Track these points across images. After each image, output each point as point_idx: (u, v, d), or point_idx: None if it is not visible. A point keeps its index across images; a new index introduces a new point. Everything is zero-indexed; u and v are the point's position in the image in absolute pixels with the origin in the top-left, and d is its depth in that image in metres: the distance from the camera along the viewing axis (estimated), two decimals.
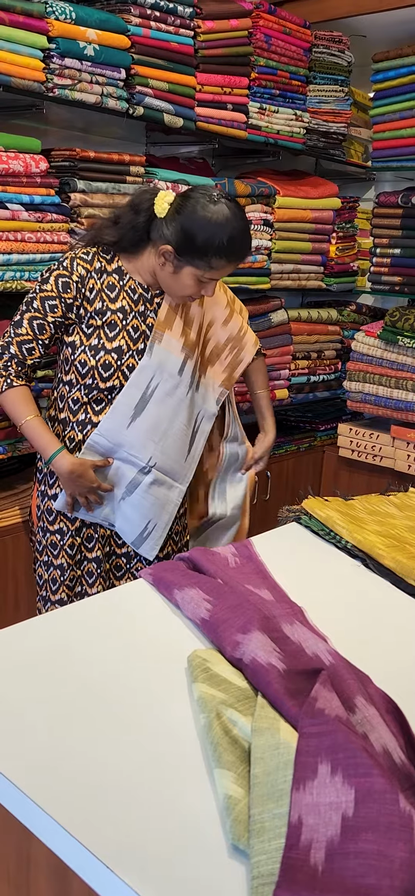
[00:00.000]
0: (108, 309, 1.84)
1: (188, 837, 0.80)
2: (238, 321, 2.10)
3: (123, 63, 2.44)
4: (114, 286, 1.86)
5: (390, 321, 2.97)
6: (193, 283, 1.81)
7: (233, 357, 2.07)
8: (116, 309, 1.85)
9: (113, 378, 1.85)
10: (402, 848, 0.69)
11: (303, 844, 0.73)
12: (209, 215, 1.75)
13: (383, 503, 1.80)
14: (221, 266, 1.79)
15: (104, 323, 1.84)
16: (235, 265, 1.84)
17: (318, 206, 3.21)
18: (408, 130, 3.07)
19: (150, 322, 1.88)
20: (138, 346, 1.86)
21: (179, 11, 2.57)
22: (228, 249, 1.77)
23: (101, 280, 1.85)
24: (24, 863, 0.92)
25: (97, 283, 1.84)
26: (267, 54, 2.92)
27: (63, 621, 1.24)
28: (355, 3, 3.06)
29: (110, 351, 1.84)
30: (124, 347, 1.85)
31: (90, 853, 0.78)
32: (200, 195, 1.78)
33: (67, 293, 1.82)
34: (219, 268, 1.79)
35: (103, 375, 1.84)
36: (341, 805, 0.75)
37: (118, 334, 1.84)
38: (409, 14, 2.98)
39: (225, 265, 1.80)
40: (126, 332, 1.85)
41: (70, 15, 2.27)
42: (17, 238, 2.22)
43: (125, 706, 1.02)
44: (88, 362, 1.84)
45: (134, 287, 1.88)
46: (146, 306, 1.89)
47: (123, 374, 1.85)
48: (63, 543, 1.97)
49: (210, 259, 1.77)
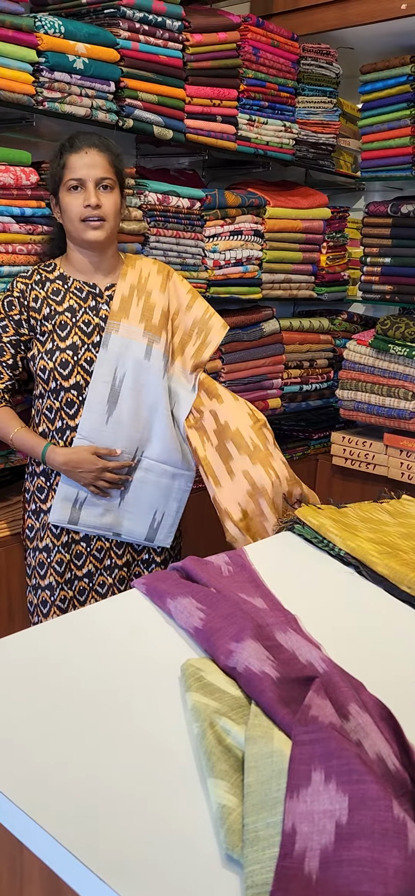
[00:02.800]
0: (56, 312, 1.92)
1: (182, 847, 0.80)
2: (202, 306, 2.10)
3: (113, 76, 2.45)
4: (59, 290, 1.94)
5: (382, 330, 2.99)
6: (69, 198, 1.88)
7: (201, 341, 2.06)
8: (64, 309, 1.92)
9: (74, 374, 1.89)
10: (396, 855, 0.68)
11: (297, 853, 0.73)
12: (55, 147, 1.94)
13: (377, 510, 1.81)
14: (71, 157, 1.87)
15: (55, 325, 1.90)
16: (85, 149, 1.88)
17: (308, 216, 3.23)
18: (396, 141, 3.09)
19: (103, 314, 1.93)
20: (94, 339, 1.92)
21: (167, 25, 2.58)
22: (69, 141, 1.90)
23: (45, 288, 1.94)
24: (17, 875, 0.91)
25: (40, 293, 1.93)
26: (256, 66, 2.94)
27: (56, 632, 1.23)
28: (341, 15, 3.09)
29: (65, 349, 1.89)
30: (78, 343, 1.90)
31: (83, 865, 0.77)
32: None
33: (12, 310, 1.92)
34: (70, 160, 1.87)
35: (63, 374, 1.89)
36: (335, 812, 0.75)
37: (70, 332, 1.90)
38: (395, 26, 3.01)
39: (73, 154, 1.88)
40: (77, 328, 1.91)
41: (59, 29, 2.28)
42: (8, 250, 2.22)
43: (118, 716, 1.01)
44: (47, 366, 1.90)
45: (80, 287, 1.95)
46: (97, 300, 1.94)
47: (82, 368, 1.90)
48: (50, 561, 1.97)
49: (60, 161, 1.88)
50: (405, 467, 2.97)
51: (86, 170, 1.88)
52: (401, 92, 3.02)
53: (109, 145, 1.94)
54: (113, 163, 1.93)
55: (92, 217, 1.88)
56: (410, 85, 2.99)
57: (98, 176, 1.89)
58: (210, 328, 2.09)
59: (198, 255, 2.83)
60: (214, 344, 2.10)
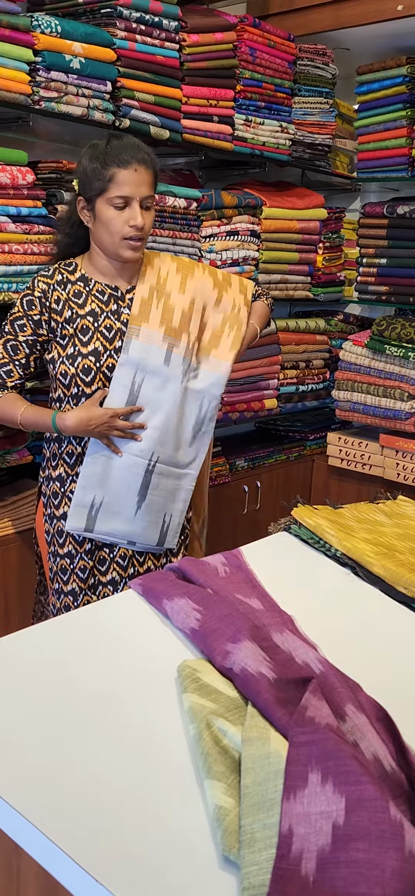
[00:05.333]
0: (77, 315, 1.85)
1: (178, 849, 0.79)
2: (230, 299, 2.00)
3: (109, 76, 2.44)
4: (80, 293, 1.87)
5: (378, 330, 2.99)
6: (112, 214, 1.79)
7: (235, 334, 1.98)
8: (86, 313, 1.85)
9: (96, 381, 1.84)
10: (393, 856, 0.68)
11: (294, 854, 0.73)
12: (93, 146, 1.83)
13: (373, 511, 1.81)
14: (120, 172, 1.76)
15: (76, 329, 1.84)
16: (134, 166, 1.78)
17: (304, 216, 3.23)
18: (392, 141, 3.09)
19: (125, 318, 1.87)
20: (115, 345, 1.86)
21: (164, 25, 2.58)
22: (115, 150, 1.78)
23: (67, 290, 1.87)
24: (13, 878, 0.91)
25: (62, 294, 1.86)
26: (252, 67, 2.94)
27: (52, 633, 1.23)
28: (337, 17, 3.09)
29: (87, 355, 1.83)
30: (100, 349, 1.84)
31: (80, 867, 0.77)
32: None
33: (32, 310, 1.85)
34: (118, 176, 1.76)
35: (85, 380, 1.84)
36: (332, 814, 0.75)
37: (92, 337, 1.84)
38: (391, 27, 3.01)
39: (122, 169, 1.77)
40: (99, 333, 1.85)
41: (56, 28, 2.28)
42: (4, 250, 2.22)
43: (114, 717, 1.01)
44: (69, 371, 1.84)
45: (101, 289, 1.88)
46: (119, 304, 1.88)
47: (103, 375, 1.84)
48: (73, 567, 1.93)
49: (106, 172, 1.76)
50: (401, 468, 2.97)
51: (134, 188, 1.78)
52: (397, 93, 3.03)
53: (153, 159, 1.85)
54: (155, 179, 1.86)
55: (134, 237, 1.81)
56: (406, 86, 3.00)
57: (144, 195, 1.81)
58: (241, 322, 2.00)
59: (194, 256, 2.83)
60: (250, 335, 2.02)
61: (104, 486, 1.87)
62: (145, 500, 1.88)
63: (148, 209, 1.83)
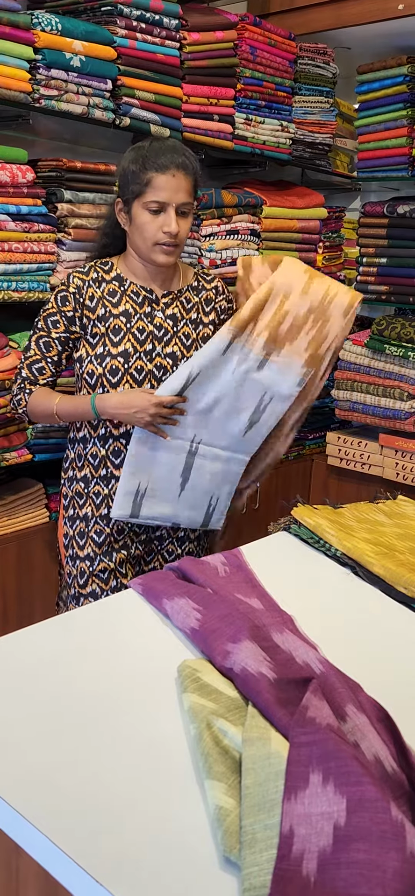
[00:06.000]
0: (110, 314, 1.82)
1: (179, 849, 0.79)
2: (322, 287, 1.80)
3: (110, 74, 2.44)
4: (115, 292, 1.85)
5: (377, 330, 2.99)
6: (147, 218, 1.76)
7: (317, 331, 1.79)
8: (119, 313, 1.83)
9: (122, 383, 1.81)
10: (394, 857, 0.68)
11: (295, 855, 0.73)
12: (137, 148, 1.80)
13: (373, 511, 1.81)
14: (157, 177, 1.74)
15: (108, 329, 1.81)
16: (172, 171, 1.74)
17: (304, 215, 3.23)
18: (393, 141, 3.09)
19: (158, 322, 1.84)
20: (146, 348, 1.82)
21: (164, 23, 2.57)
22: (154, 154, 1.75)
23: (101, 288, 1.84)
24: (13, 878, 0.91)
25: (97, 292, 1.83)
26: (253, 66, 2.93)
27: (52, 633, 1.23)
28: (338, 16, 3.09)
29: (116, 356, 1.80)
30: (131, 350, 1.81)
31: (80, 868, 0.77)
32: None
33: (66, 306, 1.83)
34: (155, 180, 1.74)
35: (112, 381, 1.80)
36: (333, 815, 0.74)
37: (123, 338, 1.81)
38: (392, 27, 3.01)
39: (159, 174, 1.74)
40: (131, 334, 1.82)
41: (56, 26, 2.27)
42: (4, 248, 2.22)
43: (114, 718, 1.01)
44: (95, 371, 1.81)
45: (136, 290, 1.85)
46: (152, 307, 1.85)
47: (131, 377, 1.81)
48: (93, 569, 1.91)
49: (143, 176, 1.74)
50: (400, 468, 2.97)
51: (170, 193, 1.75)
52: (398, 92, 3.02)
53: (194, 165, 1.81)
54: (195, 185, 1.82)
55: (168, 243, 1.78)
56: (406, 85, 3.00)
57: (181, 202, 1.77)
58: (329, 317, 1.80)
59: (194, 255, 2.82)
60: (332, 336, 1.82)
61: (150, 470, 1.82)
62: (189, 482, 1.84)
63: (184, 215, 1.79)
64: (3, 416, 2.27)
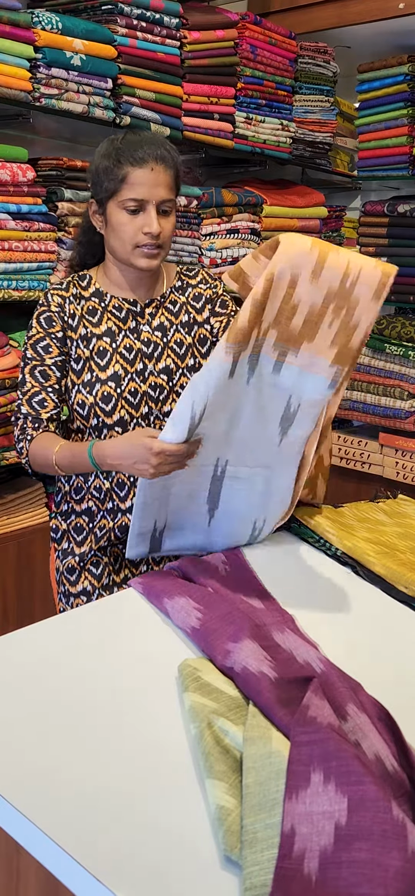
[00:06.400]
0: (92, 335, 1.63)
1: (180, 849, 0.79)
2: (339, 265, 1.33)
3: (110, 73, 2.44)
4: (95, 310, 1.65)
5: (378, 329, 2.99)
6: (124, 219, 1.56)
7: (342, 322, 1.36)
8: (102, 333, 1.63)
9: (117, 409, 1.61)
10: (396, 856, 0.68)
11: (296, 854, 0.73)
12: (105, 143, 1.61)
13: (373, 510, 1.81)
14: (134, 172, 1.53)
15: (92, 352, 1.62)
16: (150, 164, 1.54)
17: (305, 214, 3.23)
18: (393, 140, 3.09)
19: (145, 337, 1.65)
20: (137, 367, 1.63)
21: (165, 22, 2.57)
22: (129, 146, 1.55)
23: (81, 305, 1.65)
24: (13, 876, 0.91)
25: (77, 309, 1.64)
26: (253, 64, 2.93)
27: (53, 632, 1.22)
28: (339, 14, 3.09)
29: (106, 381, 1.61)
30: (121, 372, 1.62)
31: (81, 866, 0.77)
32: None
33: (53, 327, 1.62)
34: (129, 177, 1.54)
35: (106, 409, 1.60)
36: (334, 814, 0.74)
37: (110, 360, 1.62)
38: (392, 25, 3.01)
39: (136, 168, 1.53)
40: (118, 354, 1.63)
41: (57, 25, 2.27)
42: (4, 247, 2.22)
43: (115, 717, 1.01)
44: (86, 401, 1.61)
45: (118, 305, 1.66)
46: (137, 321, 1.66)
47: (126, 401, 1.61)
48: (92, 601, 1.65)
49: (118, 171, 1.54)
50: (400, 467, 2.97)
51: (149, 189, 1.55)
52: (398, 91, 3.02)
53: (175, 157, 1.61)
54: (176, 180, 1.62)
55: (149, 245, 1.57)
56: (407, 84, 3.00)
57: (162, 198, 1.57)
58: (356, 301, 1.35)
59: (194, 254, 2.82)
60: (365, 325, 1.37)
61: (166, 507, 1.48)
62: (218, 509, 1.51)
63: (166, 214, 1.59)
64: (3, 415, 2.27)
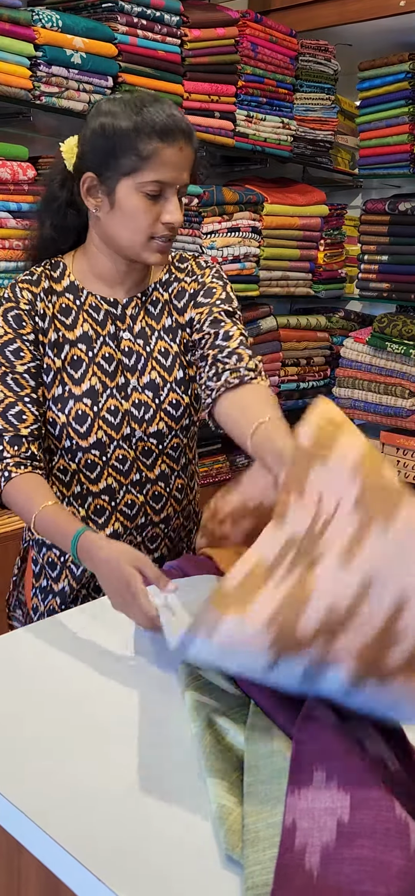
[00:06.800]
0: (65, 340, 1.36)
1: (181, 848, 0.79)
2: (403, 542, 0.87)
3: (110, 71, 2.44)
4: (68, 309, 1.37)
5: (379, 327, 2.98)
6: (139, 203, 1.27)
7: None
8: (76, 338, 1.36)
9: (94, 431, 1.36)
10: (399, 855, 0.68)
11: (297, 848, 0.72)
12: (114, 102, 1.29)
13: None
14: (156, 150, 1.25)
15: (65, 361, 1.36)
16: (179, 146, 1.26)
17: (306, 213, 3.22)
18: (394, 138, 3.09)
19: (126, 346, 1.39)
20: (118, 381, 1.37)
21: (165, 20, 2.57)
22: (153, 119, 1.24)
23: (52, 302, 1.37)
24: (14, 876, 0.91)
25: (48, 308, 1.36)
26: (254, 62, 2.93)
27: (51, 632, 1.22)
28: (340, 12, 3.08)
29: (81, 397, 1.35)
30: (99, 387, 1.36)
31: (82, 866, 0.77)
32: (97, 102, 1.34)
33: (23, 328, 1.34)
34: (155, 154, 1.25)
35: (80, 431, 1.35)
36: (337, 810, 0.74)
37: (86, 371, 1.36)
38: (393, 23, 3.01)
39: (161, 146, 1.25)
40: (96, 365, 1.36)
41: (57, 23, 2.27)
42: (5, 246, 2.21)
43: (115, 716, 1.00)
44: (58, 420, 1.35)
45: (95, 304, 1.38)
46: (117, 325, 1.39)
47: (104, 420, 1.36)
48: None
49: (141, 146, 1.24)
50: (402, 465, 2.97)
51: (176, 172, 1.28)
52: (399, 89, 3.02)
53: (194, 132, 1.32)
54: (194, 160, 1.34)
55: (165, 237, 1.31)
56: (408, 82, 2.99)
57: (185, 182, 1.31)
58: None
59: (196, 252, 2.82)
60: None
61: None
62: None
63: (181, 200, 1.33)
64: None
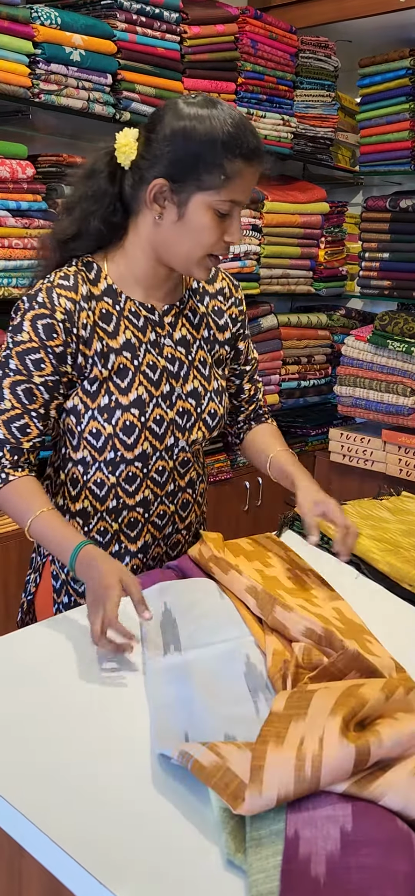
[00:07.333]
0: (109, 350, 1.30)
1: (183, 851, 0.78)
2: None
3: (110, 68, 2.43)
4: (109, 314, 1.31)
5: (380, 325, 2.97)
6: (209, 220, 1.23)
7: None
8: (120, 346, 1.31)
9: (140, 442, 1.32)
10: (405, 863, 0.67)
11: (302, 857, 0.72)
12: (196, 107, 1.23)
13: (376, 508, 1.79)
14: (239, 171, 1.22)
15: (111, 371, 1.30)
16: (256, 168, 1.26)
17: (306, 210, 3.21)
18: (395, 135, 3.07)
19: (168, 353, 1.36)
20: (163, 390, 1.34)
21: (165, 17, 2.56)
22: (240, 138, 1.21)
23: (92, 309, 1.30)
24: (15, 878, 0.90)
25: (89, 316, 1.29)
26: (254, 59, 2.92)
27: (52, 632, 1.21)
28: (340, 8, 3.07)
29: (128, 407, 1.30)
30: (146, 396, 1.32)
31: (83, 868, 0.76)
32: (169, 102, 1.27)
33: (53, 339, 1.26)
34: (237, 174, 1.22)
35: (127, 443, 1.31)
36: (339, 819, 0.73)
37: (133, 381, 1.31)
38: (394, 19, 2.99)
39: (244, 167, 1.23)
40: (142, 374, 1.32)
41: (55, 20, 2.26)
42: (4, 244, 2.21)
43: (116, 718, 1.00)
44: (103, 431, 1.30)
45: (134, 310, 1.33)
46: (157, 332, 1.35)
47: (150, 432, 1.33)
48: None
49: (222, 163, 1.20)
50: (403, 463, 2.96)
51: (248, 193, 1.28)
52: (400, 86, 3.01)
53: None
54: None
55: (221, 255, 1.30)
56: (409, 79, 2.98)
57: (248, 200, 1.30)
58: None
59: None
60: None
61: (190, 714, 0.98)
62: None
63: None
64: None
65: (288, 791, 0.75)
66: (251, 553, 1.48)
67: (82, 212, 1.31)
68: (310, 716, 0.80)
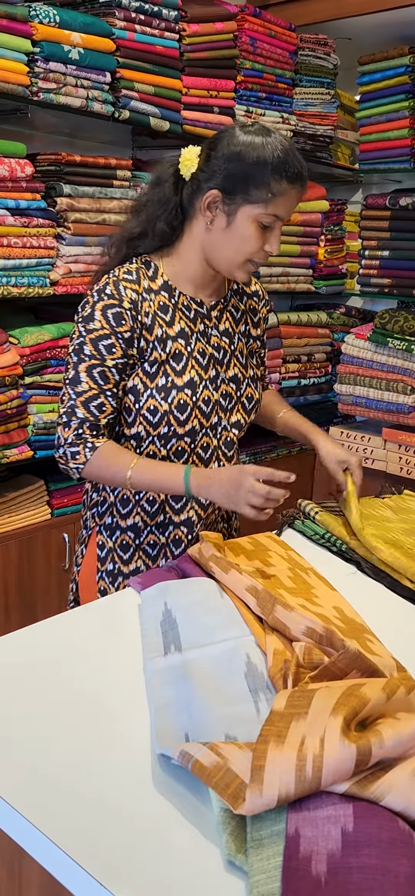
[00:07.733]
0: (167, 336, 1.48)
1: (183, 852, 0.78)
2: None
3: (108, 66, 2.42)
4: (166, 306, 1.50)
5: (380, 323, 2.97)
6: (253, 230, 1.43)
7: None
8: (176, 334, 1.50)
9: (191, 419, 1.49)
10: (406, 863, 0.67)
11: (303, 855, 0.71)
12: (252, 135, 1.43)
13: (378, 506, 1.79)
14: (284, 191, 1.41)
15: (168, 355, 1.48)
16: (299, 190, 1.45)
17: (306, 208, 3.21)
18: (394, 132, 3.07)
19: (215, 341, 1.55)
20: (210, 374, 1.53)
21: (163, 14, 2.55)
22: (287, 163, 1.41)
23: (152, 301, 1.49)
24: (15, 880, 0.90)
25: (151, 306, 1.48)
26: (253, 57, 2.91)
27: (53, 632, 1.21)
28: (339, 6, 3.06)
29: (183, 387, 1.48)
30: (196, 379, 1.50)
31: (83, 870, 0.76)
32: (230, 128, 1.47)
33: (122, 326, 1.44)
34: (281, 193, 1.41)
35: (180, 419, 1.48)
36: (340, 819, 0.73)
37: (186, 365, 1.50)
38: (393, 16, 2.99)
39: (288, 188, 1.42)
40: (194, 359, 1.51)
41: (54, 18, 2.25)
42: (3, 243, 2.20)
43: (117, 718, 0.99)
44: (160, 408, 1.47)
45: (187, 304, 1.53)
46: (205, 323, 1.55)
47: (200, 410, 1.50)
48: None
49: (269, 182, 1.40)
50: (404, 462, 2.95)
51: (290, 211, 1.47)
52: (399, 83, 3.00)
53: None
54: None
55: (260, 263, 1.50)
56: (408, 76, 2.97)
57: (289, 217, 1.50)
58: None
59: None
60: None
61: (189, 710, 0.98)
62: None
63: None
64: (3, 412, 2.26)
65: (289, 791, 0.74)
66: (252, 552, 1.48)
67: (149, 215, 1.51)
68: (311, 715, 0.79)
